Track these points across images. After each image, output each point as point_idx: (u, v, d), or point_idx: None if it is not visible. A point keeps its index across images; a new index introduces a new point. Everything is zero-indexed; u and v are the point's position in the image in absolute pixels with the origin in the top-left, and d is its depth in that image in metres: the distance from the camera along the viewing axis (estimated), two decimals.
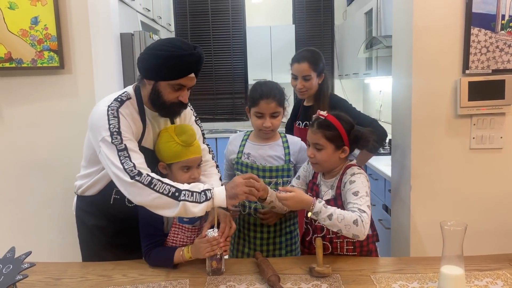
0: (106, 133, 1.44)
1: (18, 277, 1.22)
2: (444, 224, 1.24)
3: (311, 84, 2.19)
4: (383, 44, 3.39)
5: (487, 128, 1.99)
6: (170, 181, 1.44)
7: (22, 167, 2.15)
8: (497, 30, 1.92)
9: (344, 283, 1.41)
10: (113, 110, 1.48)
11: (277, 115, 1.77)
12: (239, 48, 5.82)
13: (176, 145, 1.53)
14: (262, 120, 1.76)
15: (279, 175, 1.78)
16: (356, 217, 1.43)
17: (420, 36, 1.96)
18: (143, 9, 4.05)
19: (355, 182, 1.53)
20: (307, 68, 2.17)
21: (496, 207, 2.04)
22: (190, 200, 1.40)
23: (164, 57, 1.44)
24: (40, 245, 2.10)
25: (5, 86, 2.10)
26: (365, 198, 1.49)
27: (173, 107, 1.54)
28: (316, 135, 1.56)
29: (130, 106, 1.55)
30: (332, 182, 1.62)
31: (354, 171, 1.57)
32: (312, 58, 2.18)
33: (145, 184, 1.38)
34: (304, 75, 2.18)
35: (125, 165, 1.39)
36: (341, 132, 1.55)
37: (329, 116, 1.57)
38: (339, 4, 5.71)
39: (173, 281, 1.45)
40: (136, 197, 1.41)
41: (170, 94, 1.50)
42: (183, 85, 1.50)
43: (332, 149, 1.56)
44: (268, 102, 1.73)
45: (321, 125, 1.57)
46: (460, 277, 1.25)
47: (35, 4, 2.01)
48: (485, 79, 1.94)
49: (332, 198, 1.59)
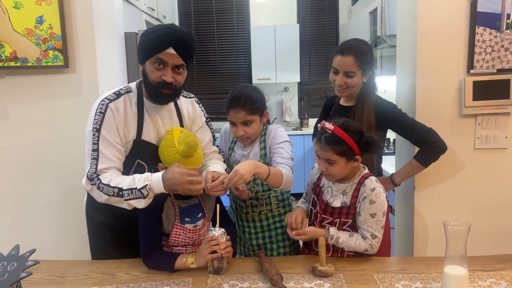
0: (89, 128, 1.54)
1: (22, 274, 1.23)
2: (447, 224, 1.24)
3: (354, 82, 1.82)
4: (388, 44, 3.38)
5: (492, 128, 1.98)
6: (116, 181, 1.49)
7: (26, 165, 2.17)
8: (502, 29, 1.91)
9: (346, 282, 1.41)
10: (103, 105, 1.54)
11: (250, 124, 1.70)
12: (243, 47, 5.82)
13: (175, 153, 1.52)
14: (235, 129, 1.72)
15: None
16: (366, 246, 1.53)
17: (425, 36, 1.95)
18: (147, 9, 4.06)
19: (375, 203, 1.51)
20: (351, 63, 1.80)
21: (500, 207, 2.03)
22: (132, 197, 1.47)
23: (145, 35, 1.53)
24: (44, 243, 2.12)
25: (10, 85, 2.12)
26: (381, 220, 1.53)
27: (158, 88, 1.54)
28: (326, 152, 1.51)
29: (127, 99, 1.59)
30: (345, 187, 1.58)
31: (374, 185, 1.53)
32: (360, 52, 1.81)
33: (97, 187, 1.49)
34: (347, 71, 1.81)
35: (90, 169, 1.50)
36: (350, 144, 1.49)
37: (336, 129, 1.50)
38: (343, 4, 5.70)
39: (176, 279, 1.46)
40: (97, 199, 1.52)
41: (153, 73, 1.52)
42: (163, 61, 1.51)
43: (344, 162, 1.52)
44: (236, 111, 1.68)
45: (329, 141, 1.50)
46: (463, 278, 1.24)
47: (40, 3, 2.02)
48: (490, 78, 1.93)
49: (345, 206, 1.56)
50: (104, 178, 1.49)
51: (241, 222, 1.85)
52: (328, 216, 1.59)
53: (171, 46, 1.49)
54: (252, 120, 1.70)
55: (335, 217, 1.58)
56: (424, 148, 1.83)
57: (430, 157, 1.84)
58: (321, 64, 5.79)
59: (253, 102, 1.69)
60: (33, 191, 2.19)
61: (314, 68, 5.85)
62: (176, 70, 1.54)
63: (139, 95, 1.61)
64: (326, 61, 5.70)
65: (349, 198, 1.56)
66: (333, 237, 1.54)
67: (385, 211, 1.54)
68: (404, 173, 1.93)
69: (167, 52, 1.49)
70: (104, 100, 1.56)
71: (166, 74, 1.51)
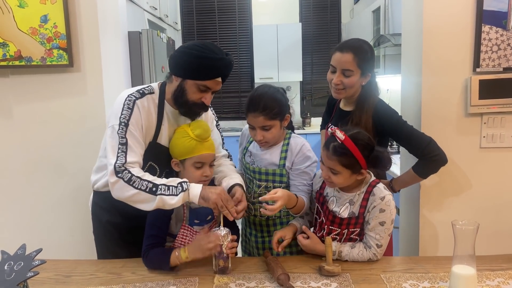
0: (115, 122, 1.50)
1: (29, 274, 1.23)
2: (456, 223, 1.24)
3: (351, 82, 1.75)
4: (391, 42, 3.37)
5: (498, 126, 1.98)
6: (149, 176, 1.47)
7: (32, 164, 2.17)
8: (508, 27, 1.90)
9: (354, 282, 1.40)
10: (130, 101, 1.53)
11: (268, 128, 1.63)
12: (245, 46, 5.81)
13: (190, 140, 1.53)
14: (254, 132, 1.67)
15: (270, 180, 1.71)
16: (370, 256, 1.54)
17: (430, 34, 1.95)
18: (150, 8, 4.06)
19: (385, 212, 1.50)
20: (350, 61, 1.72)
21: (507, 206, 2.02)
22: (166, 193, 1.44)
23: (196, 56, 1.47)
24: (50, 242, 2.11)
25: (15, 84, 2.11)
26: (389, 227, 1.52)
27: (194, 108, 1.57)
28: (332, 161, 1.47)
29: (150, 100, 1.58)
30: (352, 197, 1.55)
31: (384, 194, 1.50)
32: (359, 50, 1.74)
33: (125, 180, 1.43)
34: (344, 69, 1.74)
35: (118, 161, 1.45)
36: (358, 158, 1.45)
37: (346, 140, 1.44)
38: (346, 2, 5.69)
39: (183, 279, 1.45)
40: (116, 192, 1.47)
41: (195, 94, 1.53)
42: (209, 88, 1.53)
43: (348, 174, 1.48)
44: (255, 116, 1.61)
45: (336, 151, 1.46)
46: (472, 277, 1.24)
47: (44, 2, 2.02)
48: (496, 77, 1.92)
49: (353, 216, 1.54)
50: (136, 171, 1.46)
51: (249, 225, 1.83)
52: (336, 227, 1.57)
53: (220, 76, 1.52)
54: (271, 125, 1.62)
55: (343, 228, 1.56)
56: (423, 160, 1.76)
57: (428, 170, 1.77)
58: (323, 63, 5.78)
59: (273, 106, 1.60)
60: (38, 190, 2.18)
61: (316, 67, 5.84)
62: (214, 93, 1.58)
63: (160, 98, 1.60)
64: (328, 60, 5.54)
65: (357, 208, 1.53)
66: (335, 252, 1.53)
67: (393, 218, 1.53)
68: (403, 182, 1.88)
69: (215, 80, 1.52)
70: (131, 96, 1.54)
71: (207, 98, 1.54)
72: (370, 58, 1.78)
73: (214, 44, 1.53)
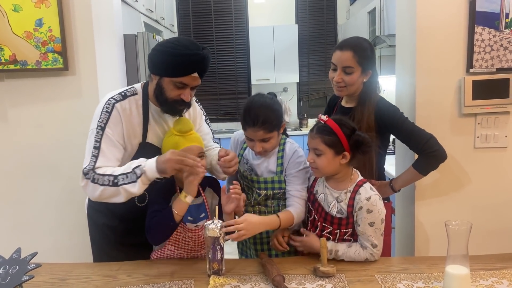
0: (94, 125, 1.54)
1: (24, 277, 1.23)
2: (449, 223, 1.24)
3: (352, 80, 1.78)
4: (387, 43, 3.38)
5: (492, 127, 1.99)
6: (110, 170, 1.48)
7: (27, 167, 2.17)
8: (501, 28, 1.92)
9: (349, 283, 1.41)
10: (109, 105, 1.55)
11: (268, 140, 1.64)
12: (242, 48, 5.82)
13: (173, 137, 1.56)
14: (252, 143, 1.66)
15: (269, 187, 1.71)
16: (367, 256, 1.54)
17: (424, 35, 1.96)
18: (146, 10, 4.06)
19: (373, 212, 1.51)
20: (350, 58, 1.76)
21: (500, 206, 2.03)
22: (126, 182, 1.45)
23: (169, 54, 1.48)
24: (45, 246, 2.11)
25: (10, 87, 2.12)
26: (380, 227, 1.53)
27: (175, 105, 1.57)
28: (315, 140, 1.53)
29: (133, 102, 1.60)
30: (339, 194, 1.57)
31: (369, 194, 1.52)
32: (359, 47, 1.77)
33: (91, 181, 1.47)
34: (345, 66, 1.77)
35: (87, 166, 1.49)
36: (340, 137, 1.50)
37: (329, 121, 1.53)
38: (342, 4, 5.71)
39: (178, 281, 1.45)
40: (89, 195, 1.51)
41: (173, 91, 1.54)
42: (186, 84, 1.53)
43: (331, 155, 1.51)
44: (254, 130, 1.61)
45: (320, 130, 1.53)
46: (465, 277, 1.24)
47: (39, 6, 2.02)
48: (489, 78, 1.93)
49: (344, 217, 1.55)
50: (99, 170, 1.49)
51: None
52: (328, 225, 1.58)
53: (196, 71, 1.52)
54: (270, 136, 1.63)
55: (335, 227, 1.57)
56: (422, 156, 1.77)
57: (428, 166, 1.78)
58: (320, 64, 5.80)
59: (271, 120, 1.60)
60: (33, 194, 2.18)
61: (313, 69, 5.85)
62: (194, 88, 1.58)
63: (144, 98, 1.62)
64: (325, 61, 5.71)
65: (344, 208, 1.55)
66: (332, 251, 1.54)
67: (383, 218, 1.53)
68: (403, 181, 1.88)
69: (191, 76, 1.52)
70: (111, 99, 1.57)
71: (185, 94, 1.54)
72: (370, 55, 1.80)
73: (189, 40, 1.53)
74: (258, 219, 1.56)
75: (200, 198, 1.64)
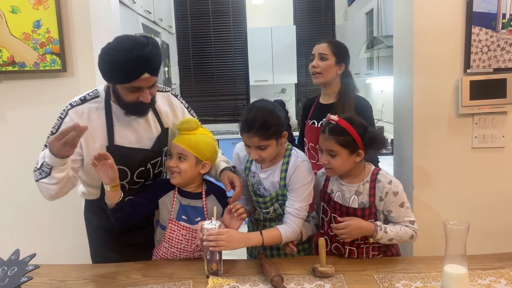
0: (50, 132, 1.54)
1: (23, 279, 1.23)
2: (446, 223, 1.25)
3: (327, 66, 2.05)
4: (384, 44, 3.39)
5: (489, 127, 2.00)
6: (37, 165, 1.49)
7: (24, 169, 2.15)
8: (498, 29, 1.92)
9: (347, 283, 1.41)
10: (64, 111, 1.54)
11: (264, 148, 1.54)
12: (240, 49, 5.82)
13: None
14: (249, 150, 1.59)
15: (274, 202, 1.66)
16: (412, 233, 1.55)
17: (421, 36, 1.97)
18: (144, 12, 4.06)
19: (399, 193, 1.53)
20: (325, 47, 2.07)
21: (498, 206, 2.04)
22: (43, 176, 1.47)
23: (111, 62, 1.40)
24: (44, 247, 2.10)
25: (8, 89, 2.11)
26: (408, 205, 1.56)
27: (136, 107, 1.51)
28: (329, 142, 1.51)
29: (93, 105, 1.56)
30: (357, 187, 1.56)
31: (389, 178, 1.55)
32: (334, 42, 2.12)
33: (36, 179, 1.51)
34: (321, 52, 2.07)
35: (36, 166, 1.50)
36: (354, 136, 1.49)
37: (340, 120, 1.50)
38: (339, 5, 5.71)
39: (177, 282, 1.46)
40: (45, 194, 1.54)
41: (129, 96, 1.47)
42: (139, 87, 1.45)
43: (346, 155, 1.51)
44: (249, 136, 1.53)
45: (332, 131, 1.51)
46: (463, 276, 1.25)
47: (37, 7, 2.02)
48: (486, 78, 1.94)
49: (366, 207, 1.54)
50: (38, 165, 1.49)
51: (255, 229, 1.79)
52: None
53: (146, 71, 1.42)
54: (266, 145, 1.54)
55: None
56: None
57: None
58: None
59: (268, 127, 1.51)
60: (32, 195, 2.16)
61: None
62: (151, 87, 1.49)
63: (106, 100, 1.56)
64: None
65: (366, 198, 1.55)
66: (382, 227, 1.52)
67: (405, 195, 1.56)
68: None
69: (142, 78, 1.42)
70: (67, 106, 1.54)
71: (143, 95, 1.46)
72: (343, 49, 2.10)
73: (130, 39, 1.43)
74: (240, 234, 1.53)
75: (200, 201, 1.64)
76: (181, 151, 1.56)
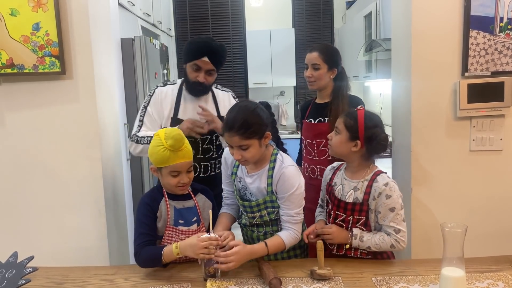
0: (142, 105, 2.08)
1: (21, 281, 1.23)
2: (444, 225, 1.25)
3: (320, 75, 2.16)
4: (383, 47, 3.40)
5: (487, 130, 2.00)
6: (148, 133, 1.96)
7: (23, 171, 2.16)
8: (495, 32, 1.93)
9: (345, 285, 1.41)
10: (152, 90, 2.09)
11: (246, 148, 1.53)
12: (239, 52, 5.83)
13: (164, 150, 1.52)
14: (232, 150, 1.57)
15: (262, 208, 1.65)
16: (392, 242, 1.55)
17: (419, 39, 1.97)
18: (143, 14, 4.07)
19: (392, 197, 1.54)
20: (316, 57, 2.16)
21: (496, 208, 2.04)
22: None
23: (188, 43, 2.01)
24: (42, 249, 2.11)
25: (7, 91, 2.11)
26: (400, 212, 1.56)
27: (194, 85, 2.00)
28: (339, 120, 1.63)
29: (170, 88, 2.09)
30: (356, 184, 1.60)
31: (387, 180, 1.57)
32: (324, 50, 2.18)
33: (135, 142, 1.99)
34: (313, 63, 2.17)
35: (132, 132, 2.02)
36: (359, 124, 1.56)
37: (360, 109, 1.61)
38: (338, 8, 5.73)
39: (175, 284, 1.46)
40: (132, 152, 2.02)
41: (191, 73, 1.99)
42: (199, 66, 1.95)
43: (346, 137, 1.58)
44: (230, 135, 1.52)
45: (348, 113, 1.64)
46: (461, 279, 1.25)
47: (36, 10, 2.02)
48: (484, 81, 1.95)
49: (358, 202, 1.58)
50: (140, 133, 1.99)
51: (247, 238, 1.79)
52: (342, 212, 1.62)
53: (206, 56, 1.93)
54: (248, 144, 1.53)
55: (348, 214, 1.60)
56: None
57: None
58: None
59: (248, 126, 1.50)
60: (30, 198, 2.18)
61: None
62: (208, 73, 1.98)
63: (180, 87, 2.08)
64: None
65: (361, 195, 1.58)
66: (357, 236, 1.56)
67: (402, 204, 1.56)
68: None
69: (202, 60, 1.94)
70: (155, 86, 2.10)
71: (199, 76, 1.97)
72: (334, 55, 2.19)
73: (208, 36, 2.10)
74: (246, 250, 1.52)
75: (191, 201, 1.66)
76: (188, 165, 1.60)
